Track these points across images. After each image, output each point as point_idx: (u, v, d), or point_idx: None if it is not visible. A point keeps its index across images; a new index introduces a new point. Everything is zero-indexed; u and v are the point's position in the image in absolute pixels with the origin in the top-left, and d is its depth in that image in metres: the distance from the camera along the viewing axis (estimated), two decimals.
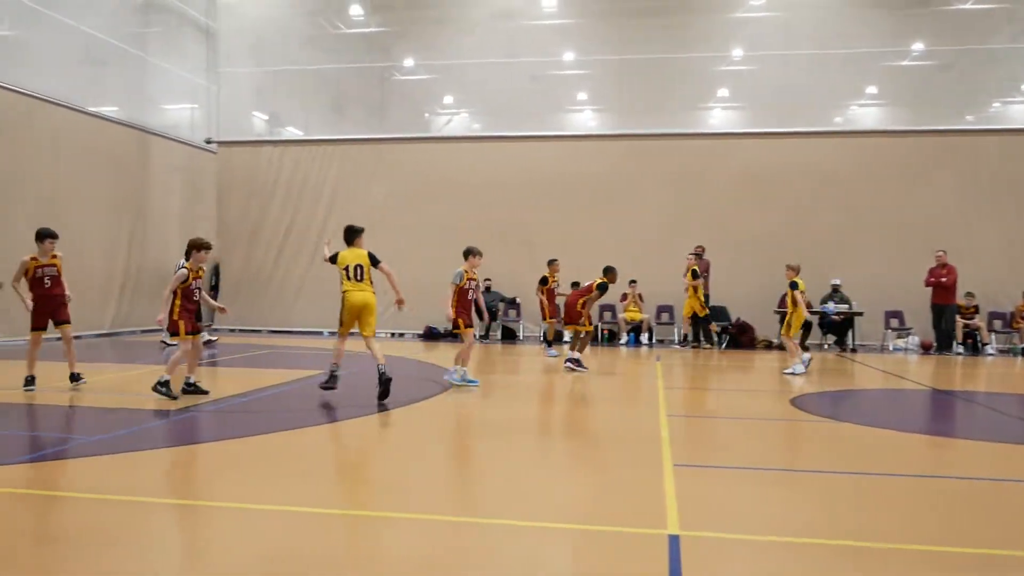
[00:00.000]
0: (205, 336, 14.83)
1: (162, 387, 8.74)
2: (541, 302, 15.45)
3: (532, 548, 4.26)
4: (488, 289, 19.18)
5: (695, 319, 17.43)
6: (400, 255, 19.89)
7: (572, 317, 13.06)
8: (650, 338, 18.45)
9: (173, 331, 8.96)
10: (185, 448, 6.77)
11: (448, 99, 22.51)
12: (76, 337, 10.36)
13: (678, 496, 5.09)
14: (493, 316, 19.44)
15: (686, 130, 19.93)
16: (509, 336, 19.57)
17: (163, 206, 19.78)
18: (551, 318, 15.44)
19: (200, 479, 5.82)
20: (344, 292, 9.29)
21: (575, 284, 14.61)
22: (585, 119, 22.06)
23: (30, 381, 9.31)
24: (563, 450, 7.12)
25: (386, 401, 8.79)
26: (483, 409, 9.37)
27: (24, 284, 9.55)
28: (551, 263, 15.49)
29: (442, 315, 18.90)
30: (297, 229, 20.69)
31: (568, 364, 12.57)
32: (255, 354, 14.71)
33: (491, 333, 19.47)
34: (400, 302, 9.39)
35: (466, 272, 10.52)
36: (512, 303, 19.62)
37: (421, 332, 19.42)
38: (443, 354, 15.35)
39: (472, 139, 20.81)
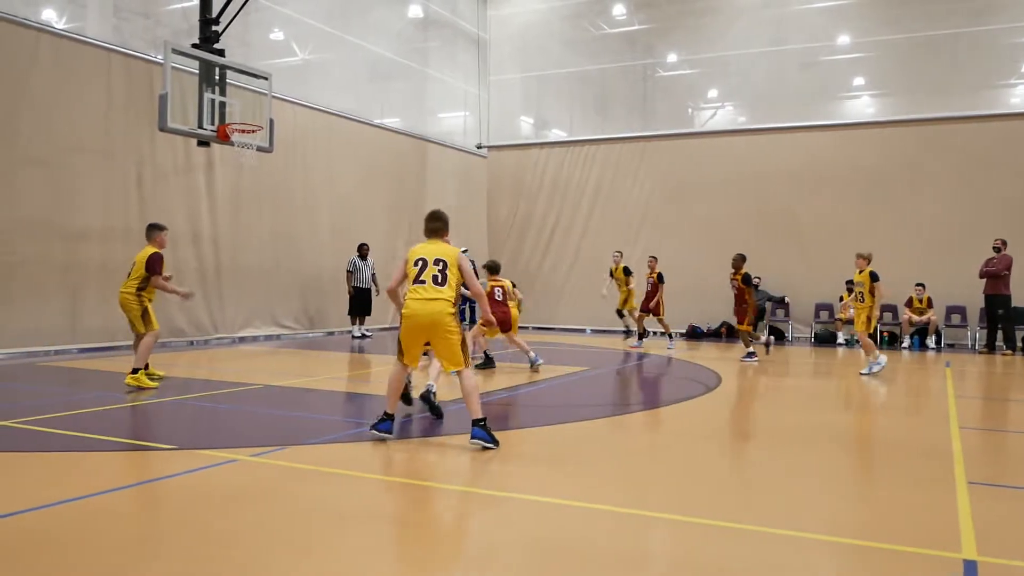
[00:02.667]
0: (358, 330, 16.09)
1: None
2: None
3: (809, 563, 4.04)
4: (756, 287, 18.48)
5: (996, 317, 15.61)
6: (663, 252, 19.88)
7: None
8: (938, 341, 16.83)
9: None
10: (456, 436, 7.20)
11: (712, 93, 21.99)
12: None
13: (975, 518, 4.61)
14: (760, 315, 18.69)
15: (981, 111, 17.82)
16: (777, 336, 18.71)
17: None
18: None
19: (468, 467, 6.14)
20: None
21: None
22: (862, 105, 20.52)
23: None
24: (841, 459, 6.68)
25: (645, 399, 8.74)
26: (751, 412, 9.08)
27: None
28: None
29: (706, 315, 18.59)
30: (561, 228, 21.28)
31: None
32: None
33: (757, 333, 18.71)
34: None
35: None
36: (780, 302, 18.75)
37: (684, 331, 19.05)
38: (705, 353, 15.06)
39: (738, 132, 20.15)
